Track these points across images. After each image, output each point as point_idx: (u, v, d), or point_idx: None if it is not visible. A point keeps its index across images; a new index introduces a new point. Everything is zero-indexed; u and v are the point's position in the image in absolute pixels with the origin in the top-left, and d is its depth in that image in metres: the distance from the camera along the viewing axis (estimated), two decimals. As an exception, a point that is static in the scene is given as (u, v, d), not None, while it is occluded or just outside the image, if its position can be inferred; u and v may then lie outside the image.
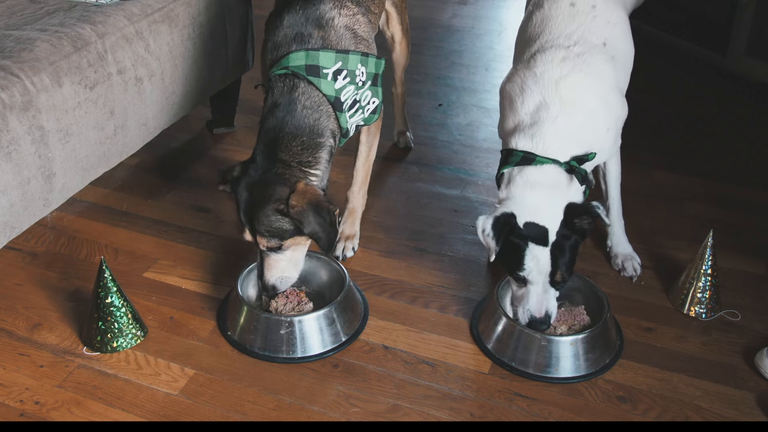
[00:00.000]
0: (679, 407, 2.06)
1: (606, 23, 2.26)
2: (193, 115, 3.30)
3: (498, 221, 2.06)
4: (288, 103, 2.19)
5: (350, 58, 2.23)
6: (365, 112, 2.32)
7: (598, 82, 2.16)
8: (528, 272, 2.07)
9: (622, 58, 2.30)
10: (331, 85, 2.21)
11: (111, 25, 2.44)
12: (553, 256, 2.05)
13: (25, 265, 2.54)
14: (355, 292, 2.36)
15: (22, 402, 2.07)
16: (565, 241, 2.05)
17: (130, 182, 2.96)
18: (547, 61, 2.16)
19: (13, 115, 2.13)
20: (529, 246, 2.04)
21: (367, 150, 2.54)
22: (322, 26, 2.24)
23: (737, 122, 3.36)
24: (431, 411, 2.06)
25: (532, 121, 2.13)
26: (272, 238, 2.14)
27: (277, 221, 2.12)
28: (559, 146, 2.09)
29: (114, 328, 2.19)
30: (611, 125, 2.20)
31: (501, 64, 3.89)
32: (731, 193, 2.90)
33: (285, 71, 2.21)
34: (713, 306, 2.33)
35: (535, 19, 2.31)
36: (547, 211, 2.06)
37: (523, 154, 2.10)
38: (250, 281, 2.35)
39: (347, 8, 2.29)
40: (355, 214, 2.61)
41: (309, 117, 2.19)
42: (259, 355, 2.20)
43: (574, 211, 2.06)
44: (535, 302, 2.10)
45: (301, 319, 2.19)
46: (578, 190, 2.12)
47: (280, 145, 2.17)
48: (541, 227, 2.04)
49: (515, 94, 2.18)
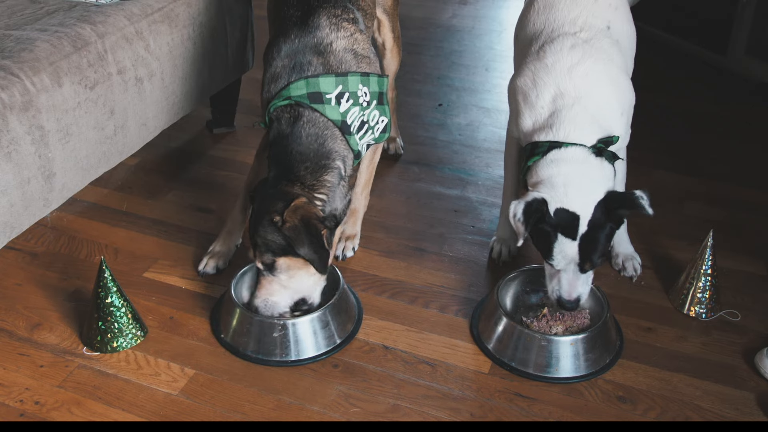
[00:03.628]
0: (679, 407, 2.07)
1: (608, 6, 2.26)
2: (193, 115, 3.30)
3: (529, 206, 2.03)
4: (292, 132, 2.16)
5: (350, 81, 2.20)
6: (375, 132, 2.29)
7: (609, 66, 2.15)
8: (557, 263, 2.06)
9: (626, 42, 2.29)
10: (335, 109, 2.17)
11: (111, 25, 2.44)
12: (582, 248, 2.02)
13: (25, 265, 2.54)
14: (349, 294, 2.35)
15: (22, 402, 2.07)
16: (597, 232, 2.02)
17: (130, 182, 2.96)
18: (556, 51, 2.15)
19: (13, 115, 2.13)
20: (557, 238, 2.02)
21: (371, 153, 2.54)
22: (321, 52, 2.21)
23: (737, 122, 3.36)
24: (431, 411, 2.06)
25: (550, 112, 2.11)
26: (266, 253, 2.10)
27: (270, 234, 2.08)
28: (581, 133, 2.07)
29: (114, 328, 2.19)
30: (624, 109, 2.18)
31: (501, 64, 3.89)
32: (731, 193, 2.90)
33: (287, 102, 2.17)
34: (713, 306, 2.33)
35: (537, 7, 2.30)
36: (580, 193, 2.02)
37: (549, 143, 2.08)
38: (244, 284, 2.34)
39: (344, 29, 2.25)
40: (356, 214, 2.61)
41: (314, 142, 2.16)
42: (252, 358, 2.19)
43: (615, 200, 2.03)
44: (566, 285, 2.09)
45: (294, 322, 2.18)
46: (610, 171, 2.08)
47: (287, 169, 2.14)
48: (571, 215, 2.01)
49: (528, 88, 2.17)
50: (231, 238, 2.53)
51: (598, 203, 2.02)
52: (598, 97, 2.11)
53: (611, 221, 2.05)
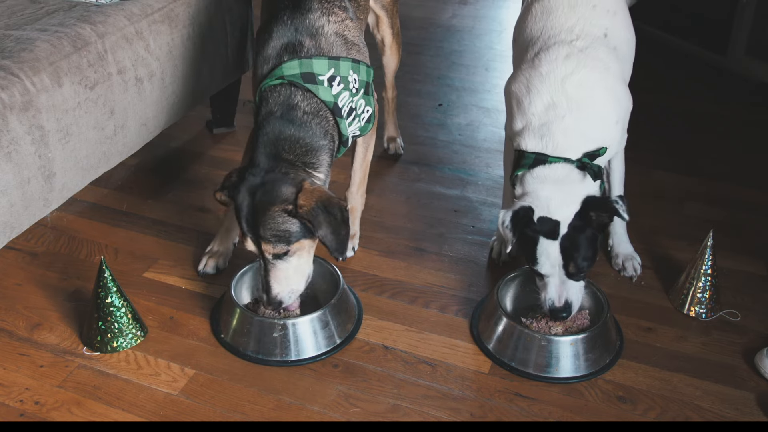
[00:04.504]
0: (679, 407, 2.07)
1: (606, 12, 2.26)
2: (193, 115, 3.30)
3: (517, 214, 2.09)
4: (287, 110, 2.14)
5: (341, 65, 2.20)
6: (361, 121, 2.29)
7: (604, 75, 2.16)
8: (540, 266, 2.09)
9: (625, 48, 2.29)
10: (328, 91, 2.17)
11: (111, 25, 2.44)
12: (564, 248, 2.05)
13: (25, 265, 2.54)
14: (349, 294, 2.35)
15: (22, 402, 2.07)
16: (577, 234, 2.06)
17: (130, 182, 2.96)
18: (551, 60, 2.16)
19: (13, 115, 2.13)
20: (540, 241, 2.06)
21: (363, 150, 2.54)
22: (313, 35, 2.21)
23: (737, 122, 3.36)
24: (431, 411, 2.06)
25: (541, 122, 2.13)
26: (278, 243, 2.06)
27: (284, 223, 2.05)
28: (569, 145, 2.10)
29: (114, 328, 2.19)
30: (620, 118, 2.20)
31: (501, 64, 3.89)
32: (731, 193, 2.90)
33: (280, 81, 2.16)
34: (713, 306, 2.33)
35: (534, 12, 2.30)
36: (560, 204, 2.07)
37: (534, 156, 2.11)
38: (244, 284, 2.34)
39: (335, 14, 2.25)
40: (354, 213, 2.61)
41: (310, 121, 2.15)
42: (252, 358, 2.19)
43: (592, 204, 2.07)
44: (554, 291, 2.11)
45: (295, 322, 2.18)
46: (592, 185, 2.13)
47: (284, 147, 2.11)
48: (552, 221, 2.06)
49: (522, 95, 2.18)
50: (229, 237, 2.53)
51: (578, 210, 2.07)
52: (591, 108, 2.12)
53: (591, 225, 2.08)
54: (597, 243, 2.12)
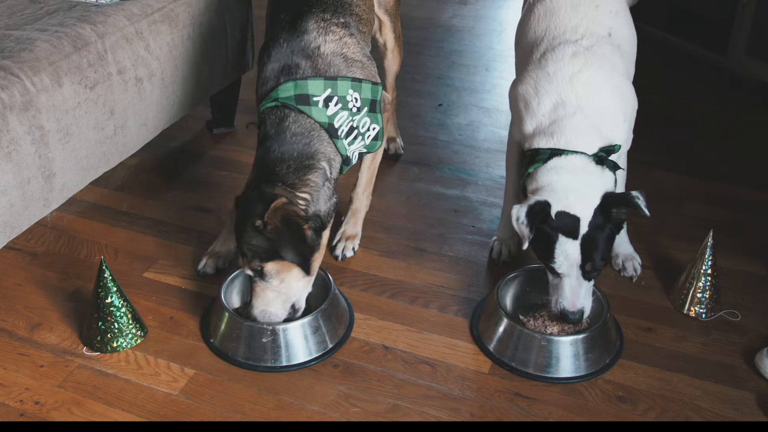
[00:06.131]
0: (679, 407, 2.07)
1: (609, 12, 2.26)
2: (193, 115, 3.30)
3: (532, 209, 2.04)
4: (278, 132, 2.17)
5: (339, 84, 2.20)
6: (366, 139, 2.29)
7: (610, 73, 2.16)
8: (559, 265, 2.06)
9: (628, 47, 2.30)
10: (323, 111, 2.18)
11: (111, 25, 2.44)
12: (584, 248, 2.03)
13: (25, 265, 2.54)
14: (340, 298, 2.33)
15: (22, 402, 2.07)
16: (597, 233, 2.03)
17: (130, 182, 2.96)
18: (558, 59, 2.16)
19: (13, 115, 2.13)
20: (559, 239, 2.03)
21: (372, 154, 2.54)
22: (310, 56, 2.22)
23: (737, 122, 3.36)
24: (431, 411, 2.06)
25: (551, 121, 2.12)
26: (253, 259, 2.09)
27: (254, 239, 2.07)
28: (583, 141, 2.09)
29: (114, 328, 2.19)
30: (627, 116, 2.19)
31: (501, 64, 3.89)
32: (731, 193, 2.90)
33: (275, 103, 2.19)
34: (713, 306, 2.33)
35: (537, 13, 2.30)
36: (580, 198, 2.04)
37: (550, 150, 2.10)
38: (234, 288, 2.32)
39: (333, 33, 2.25)
40: (358, 214, 2.61)
41: (298, 143, 2.16)
42: (241, 364, 2.17)
43: (612, 201, 2.05)
44: (570, 295, 2.08)
45: (285, 327, 2.16)
46: (610, 179, 2.10)
47: (273, 166, 2.14)
48: (572, 217, 2.02)
49: (530, 96, 2.17)
50: (231, 238, 2.53)
51: (598, 206, 2.04)
52: (600, 105, 2.12)
53: (611, 223, 2.06)
54: (613, 240, 2.09)
